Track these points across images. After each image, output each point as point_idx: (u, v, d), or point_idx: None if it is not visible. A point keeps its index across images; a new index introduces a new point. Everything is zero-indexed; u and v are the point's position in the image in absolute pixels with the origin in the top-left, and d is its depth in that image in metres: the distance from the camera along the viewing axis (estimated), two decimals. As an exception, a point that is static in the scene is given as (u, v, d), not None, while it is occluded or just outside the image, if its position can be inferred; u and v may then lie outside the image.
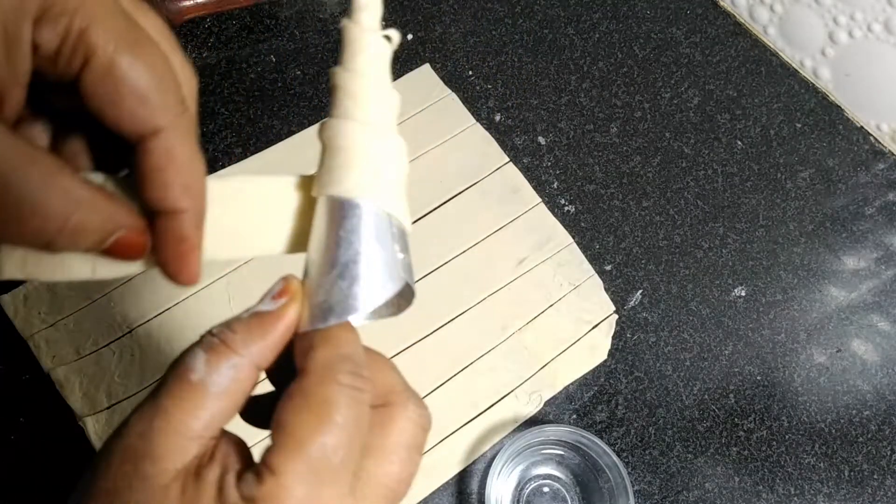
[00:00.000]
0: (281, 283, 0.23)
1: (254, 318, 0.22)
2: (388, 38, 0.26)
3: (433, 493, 0.45)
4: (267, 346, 0.22)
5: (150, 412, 0.20)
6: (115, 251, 0.22)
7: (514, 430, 0.47)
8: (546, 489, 0.46)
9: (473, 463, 0.46)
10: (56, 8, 0.19)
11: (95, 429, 0.45)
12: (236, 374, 0.21)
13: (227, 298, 0.49)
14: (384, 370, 0.24)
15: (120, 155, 0.24)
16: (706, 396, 0.49)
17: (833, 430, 0.49)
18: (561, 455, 0.46)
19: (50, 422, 0.46)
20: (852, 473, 0.48)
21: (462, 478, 0.46)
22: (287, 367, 0.22)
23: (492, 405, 0.47)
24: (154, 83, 0.21)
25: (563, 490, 0.46)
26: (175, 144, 0.21)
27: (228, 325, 0.22)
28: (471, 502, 0.46)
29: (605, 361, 0.50)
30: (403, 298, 0.25)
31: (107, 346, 0.47)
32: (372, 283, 0.23)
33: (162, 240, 0.22)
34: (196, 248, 0.23)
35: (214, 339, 0.21)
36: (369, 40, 0.26)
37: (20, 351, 0.47)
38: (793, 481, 0.47)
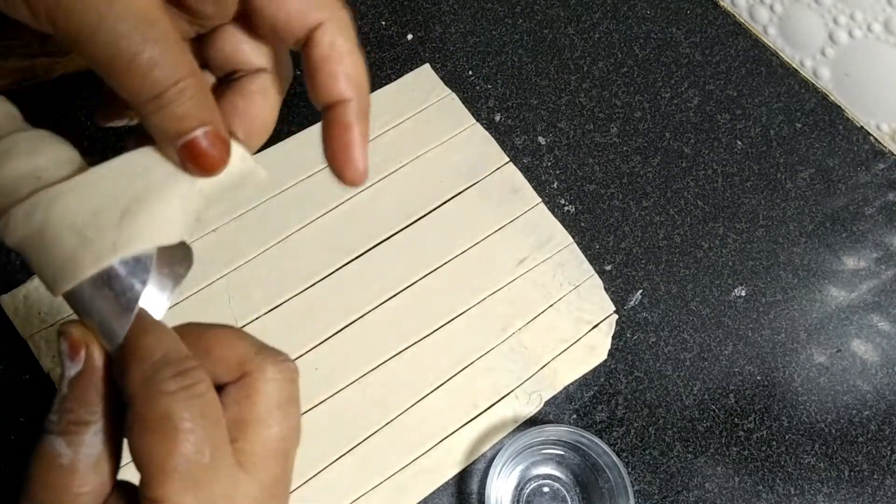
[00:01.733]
0: (64, 342, 0.21)
1: (76, 387, 0.21)
2: None
3: (433, 493, 0.45)
4: (104, 399, 0.21)
5: None
6: (196, 150, 0.21)
7: (514, 430, 0.47)
8: (546, 489, 0.46)
9: (473, 463, 0.46)
10: None
11: (95, 429, 0.45)
12: (102, 437, 0.21)
13: (227, 298, 0.49)
14: (229, 343, 0.22)
15: None
16: (706, 396, 0.49)
17: (833, 430, 0.49)
18: (561, 455, 0.46)
19: (50, 422, 0.46)
20: (852, 473, 0.48)
21: (462, 478, 0.46)
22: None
23: (492, 405, 0.47)
24: None
25: (563, 490, 0.46)
26: (336, 36, 0.22)
27: (62, 408, 0.21)
28: (471, 502, 0.46)
29: (605, 361, 0.50)
30: (178, 260, 0.24)
31: (107, 346, 0.47)
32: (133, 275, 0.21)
33: (329, 133, 0.23)
34: (361, 139, 0.23)
35: (62, 423, 0.21)
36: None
37: (20, 351, 0.47)
38: (793, 481, 0.47)
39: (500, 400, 0.47)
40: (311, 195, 0.52)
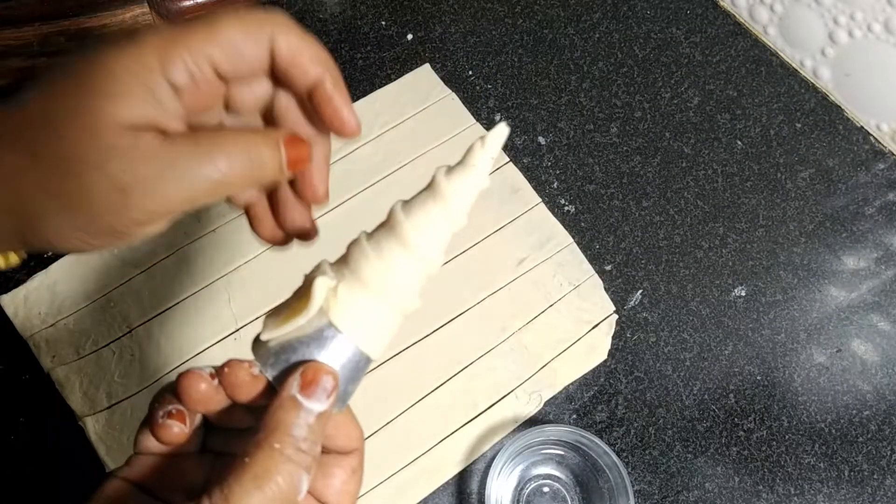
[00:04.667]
0: (328, 378, 0.24)
1: (321, 424, 0.24)
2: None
3: (433, 493, 0.45)
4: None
5: None
6: (292, 155, 0.25)
7: (514, 430, 0.47)
8: (546, 489, 0.46)
9: (473, 463, 0.46)
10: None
11: (95, 429, 0.45)
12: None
13: (227, 298, 0.49)
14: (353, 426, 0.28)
15: None
16: (706, 396, 0.49)
17: (833, 430, 0.49)
18: (561, 455, 0.46)
19: (50, 422, 0.46)
20: (852, 473, 0.48)
21: (462, 478, 0.46)
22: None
23: (492, 405, 0.47)
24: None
25: (563, 490, 0.46)
26: (293, 37, 0.25)
27: (309, 438, 0.24)
28: (471, 502, 0.46)
29: (605, 361, 0.50)
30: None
31: (107, 346, 0.47)
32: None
33: (321, 109, 0.26)
34: (345, 102, 0.26)
35: (309, 457, 0.24)
36: (454, 210, 0.26)
37: (20, 351, 0.47)
38: (793, 481, 0.47)
39: (500, 400, 0.47)
40: (311, 195, 0.52)
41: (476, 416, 0.47)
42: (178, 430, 0.25)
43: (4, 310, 0.48)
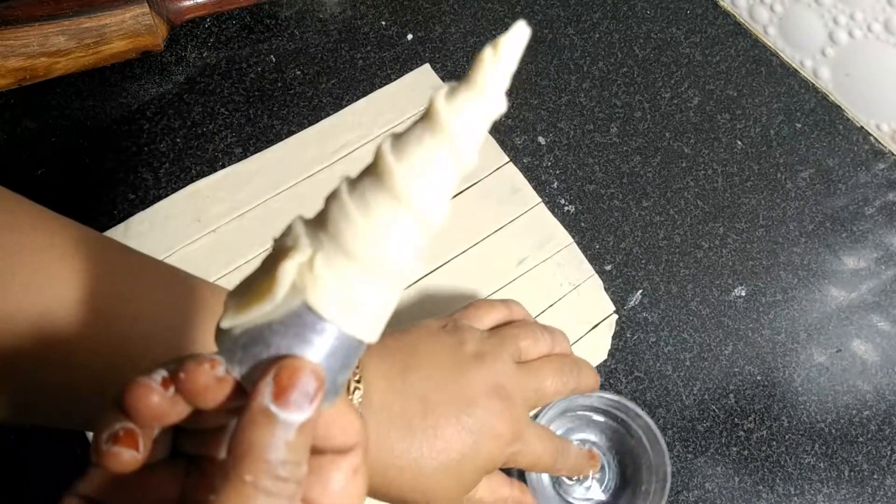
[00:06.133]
0: (311, 379, 0.19)
1: (303, 435, 0.20)
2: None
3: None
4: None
5: None
6: None
7: None
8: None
9: None
10: None
11: (95, 429, 0.45)
12: None
13: (227, 298, 0.49)
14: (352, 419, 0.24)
15: None
16: (706, 396, 0.49)
17: (833, 430, 0.49)
18: (594, 419, 0.47)
19: (50, 422, 0.46)
20: (852, 473, 0.48)
21: None
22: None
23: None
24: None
25: (598, 454, 0.47)
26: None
27: (287, 460, 0.19)
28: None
29: (605, 361, 0.50)
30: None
31: (107, 346, 0.47)
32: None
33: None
34: None
35: (290, 483, 0.19)
36: (459, 147, 0.19)
37: (20, 351, 0.47)
38: (793, 481, 0.47)
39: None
40: (311, 195, 0.52)
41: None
42: (128, 456, 0.20)
43: (4, 310, 0.48)
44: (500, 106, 0.19)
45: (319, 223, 0.20)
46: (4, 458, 0.45)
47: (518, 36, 0.19)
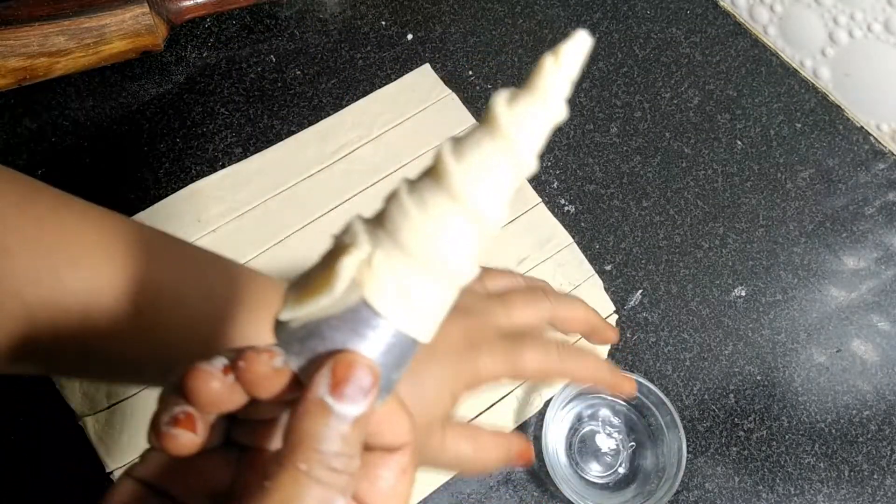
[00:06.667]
0: (365, 374, 0.20)
1: (358, 430, 0.20)
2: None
3: (431, 494, 0.45)
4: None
5: None
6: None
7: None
8: (598, 432, 0.48)
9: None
10: None
11: (95, 429, 0.45)
12: None
13: (227, 298, 0.49)
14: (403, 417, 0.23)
15: None
16: (706, 396, 0.49)
17: (833, 430, 0.49)
18: (609, 399, 0.48)
19: (50, 422, 0.46)
20: (852, 473, 0.48)
21: (520, 428, 0.48)
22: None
23: (492, 405, 0.47)
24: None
25: (613, 432, 0.48)
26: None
27: (341, 452, 0.19)
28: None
29: (605, 361, 0.50)
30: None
31: (107, 346, 0.47)
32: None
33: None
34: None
35: (343, 474, 0.19)
36: (521, 150, 0.20)
37: (20, 351, 0.47)
38: (793, 481, 0.47)
39: (500, 399, 0.47)
40: (311, 195, 0.52)
41: (476, 416, 0.47)
42: (186, 439, 0.20)
43: (4, 310, 0.48)
44: (560, 113, 0.20)
45: (378, 222, 0.20)
46: (5, 458, 0.45)
47: (579, 44, 0.20)
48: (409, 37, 0.60)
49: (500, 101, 0.20)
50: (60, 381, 0.46)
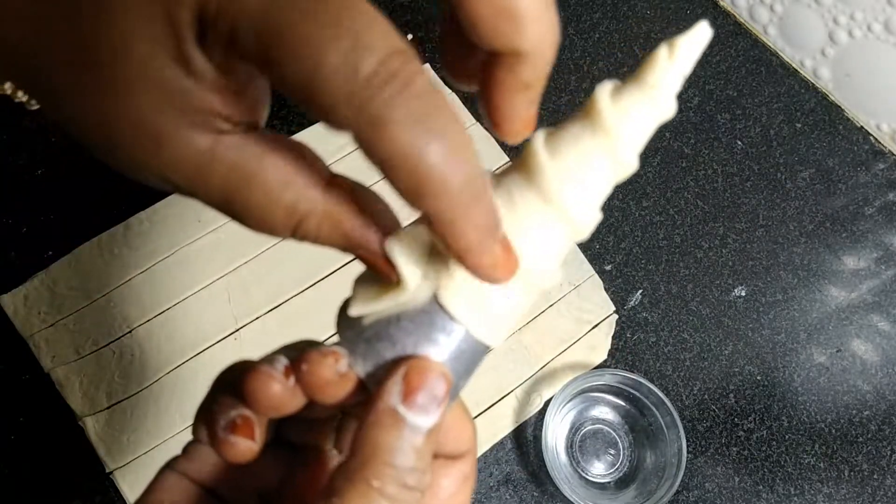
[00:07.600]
0: (439, 381, 0.18)
1: (431, 442, 0.19)
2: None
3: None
4: None
5: None
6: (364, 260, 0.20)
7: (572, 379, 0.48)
8: (598, 431, 0.48)
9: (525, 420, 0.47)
10: None
11: (95, 429, 0.45)
12: None
13: (227, 298, 0.49)
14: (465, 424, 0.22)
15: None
16: (706, 396, 0.49)
17: (833, 430, 0.49)
18: (608, 399, 0.48)
19: (50, 422, 0.46)
20: (852, 473, 0.48)
21: (519, 428, 0.48)
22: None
23: (492, 405, 0.47)
24: None
25: (612, 432, 0.48)
26: None
27: (416, 468, 0.18)
28: (527, 442, 0.46)
29: (605, 361, 0.50)
30: None
31: (107, 346, 0.47)
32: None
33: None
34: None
35: (416, 490, 0.18)
36: (625, 155, 0.18)
37: (20, 351, 0.47)
38: (793, 481, 0.47)
39: (500, 399, 0.47)
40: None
41: (477, 416, 0.47)
42: (245, 447, 0.19)
43: (4, 309, 0.48)
44: (670, 109, 0.18)
45: None
46: (5, 458, 0.45)
47: (699, 36, 0.18)
48: (409, 37, 0.60)
49: (604, 94, 0.17)
50: (60, 381, 0.46)
